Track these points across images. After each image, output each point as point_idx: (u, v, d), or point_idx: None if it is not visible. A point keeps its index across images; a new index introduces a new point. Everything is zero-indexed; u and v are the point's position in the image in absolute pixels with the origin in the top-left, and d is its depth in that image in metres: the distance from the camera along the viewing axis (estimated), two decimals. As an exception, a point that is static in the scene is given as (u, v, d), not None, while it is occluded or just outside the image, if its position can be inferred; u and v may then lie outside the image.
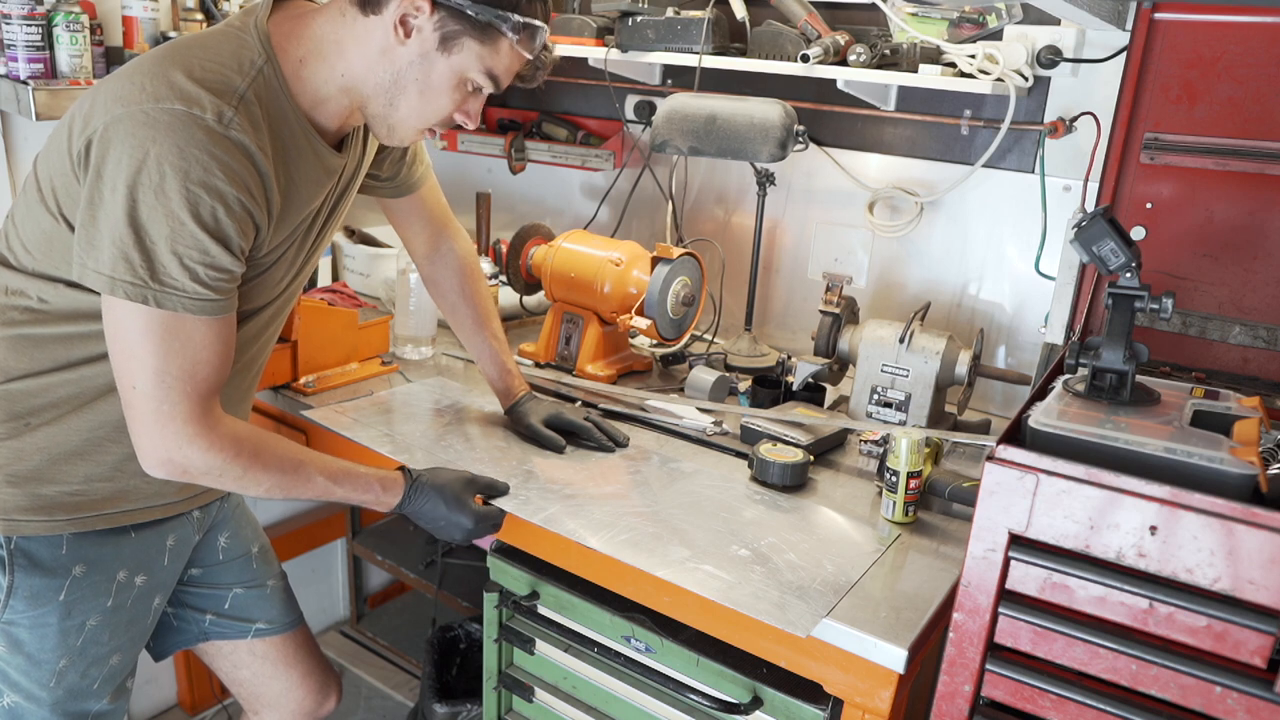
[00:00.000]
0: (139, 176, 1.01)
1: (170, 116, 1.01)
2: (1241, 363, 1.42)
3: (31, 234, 1.16)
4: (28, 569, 1.20)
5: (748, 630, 1.19)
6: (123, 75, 1.07)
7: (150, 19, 1.87)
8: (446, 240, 1.62)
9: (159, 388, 1.08)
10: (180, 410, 1.10)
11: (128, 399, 1.10)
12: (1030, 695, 1.03)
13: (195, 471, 1.14)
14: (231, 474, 1.16)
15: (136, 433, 1.12)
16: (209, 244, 1.05)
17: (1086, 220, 1.16)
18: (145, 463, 1.13)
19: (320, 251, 1.36)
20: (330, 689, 1.62)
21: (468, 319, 1.63)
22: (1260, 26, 1.33)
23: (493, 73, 1.19)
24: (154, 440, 1.11)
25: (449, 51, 1.15)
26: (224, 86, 1.06)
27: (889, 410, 1.65)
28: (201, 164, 1.02)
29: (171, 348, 1.07)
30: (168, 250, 1.03)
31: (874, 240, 1.98)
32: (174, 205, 1.02)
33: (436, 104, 1.20)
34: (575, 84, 2.35)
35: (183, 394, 1.09)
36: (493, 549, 1.48)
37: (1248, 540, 0.88)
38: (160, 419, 1.09)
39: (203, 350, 1.10)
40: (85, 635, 1.25)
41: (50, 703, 1.25)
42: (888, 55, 1.78)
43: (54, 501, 1.20)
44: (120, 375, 1.10)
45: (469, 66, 1.17)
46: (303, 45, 1.16)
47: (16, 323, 1.17)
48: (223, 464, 1.14)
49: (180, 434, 1.10)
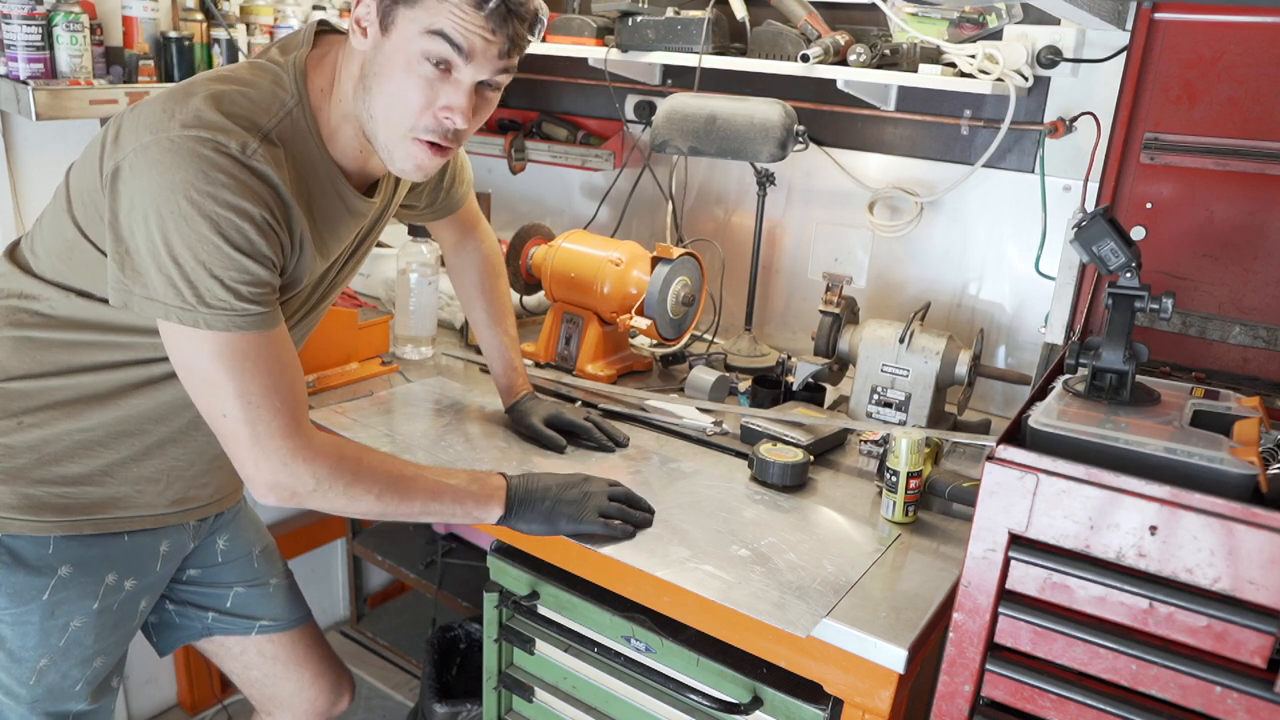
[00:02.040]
0: (167, 205, 1.01)
1: (193, 143, 1.02)
2: (1241, 363, 1.42)
3: (54, 241, 1.17)
4: (11, 566, 1.19)
5: (748, 630, 1.19)
6: (156, 101, 1.07)
7: (150, 19, 1.87)
8: (474, 239, 1.66)
9: (247, 409, 1.08)
10: (275, 427, 1.09)
11: (222, 430, 1.10)
12: (1030, 695, 1.03)
13: (303, 490, 1.13)
14: (338, 487, 1.14)
15: (240, 461, 1.11)
16: (245, 262, 1.05)
17: (1086, 220, 1.16)
18: (255, 490, 1.12)
19: (336, 292, 1.36)
20: (343, 688, 1.61)
21: (483, 313, 1.66)
22: (1260, 26, 1.33)
23: (434, 28, 1.06)
24: (258, 465, 1.10)
25: (388, 31, 1.09)
26: (249, 123, 1.06)
27: (889, 410, 1.65)
28: (225, 186, 1.02)
29: (244, 367, 1.07)
30: (207, 274, 1.03)
31: (874, 240, 1.98)
32: (204, 229, 1.02)
33: (401, 96, 1.10)
34: (575, 84, 2.35)
35: (273, 411, 1.09)
36: (493, 549, 1.48)
37: (1248, 540, 0.88)
38: (258, 441, 1.09)
39: (274, 364, 1.10)
40: (68, 636, 1.25)
41: (29, 701, 1.25)
42: (888, 55, 1.78)
43: (42, 502, 1.20)
44: (207, 409, 1.10)
45: (409, 36, 1.07)
46: (323, 77, 1.16)
47: (25, 325, 1.17)
48: (329, 475, 1.13)
49: (281, 451, 1.10)
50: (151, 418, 1.22)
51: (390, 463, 1.22)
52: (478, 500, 1.26)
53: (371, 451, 1.22)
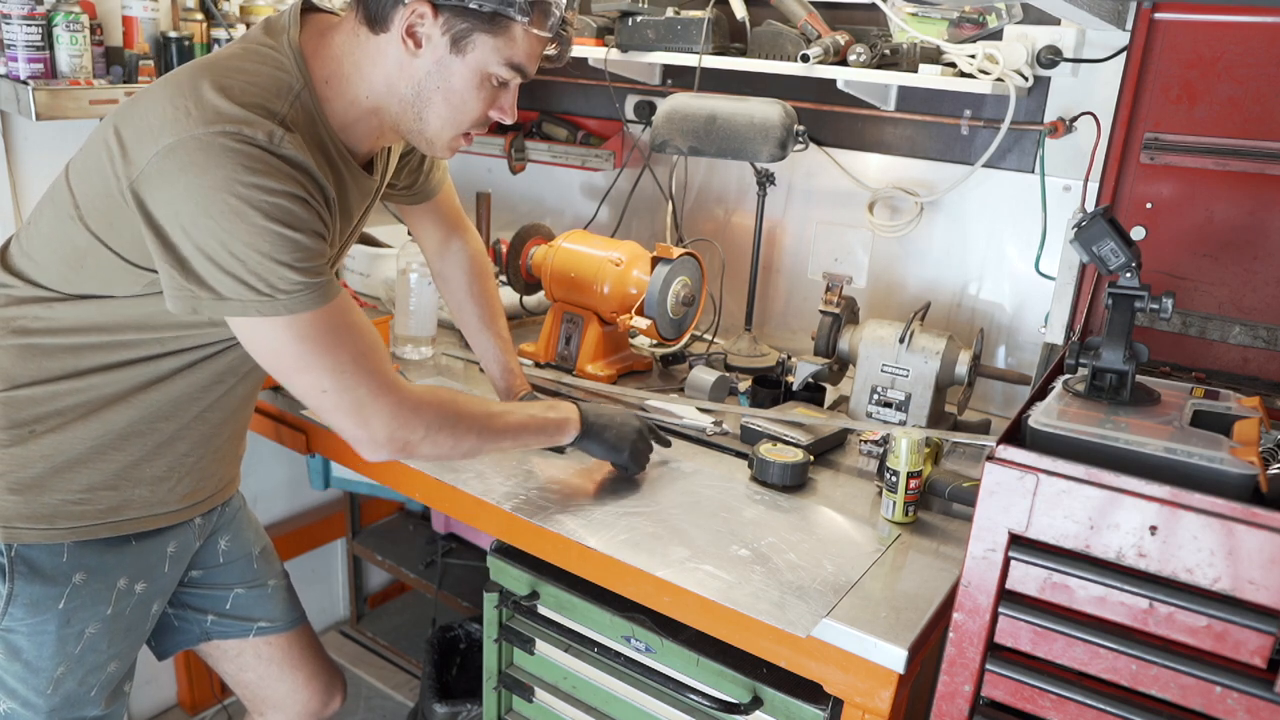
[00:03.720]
0: (213, 205, 1.01)
1: (223, 138, 1.01)
2: (1241, 363, 1.42)
3: (59, 247, 1.15)
4: (28, 577, 1.19)
5: (748, 630, 1.19)
6: (162, 98, 1.06)
7: (150, 19, 1.87)
8: (458, 239, 1.63)
9: (342, 378, 1.11)
10: (375, 387, 1.13)
11: (322, 406, 1.12)
12: (1030, 695, 1.03)
13: (415, 439, 1.17)
14: (445, 430, 1.19)
15: (349, 432, 1.14)
16: (302, 239, 1.05)
17: (1086, 220, 1.16)
18: (366, 450, 1.16)
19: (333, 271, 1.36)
20: (335, 689, 1.62)
21: (474, 317, 1.64)
22: (1260, 26, 1.33)
23: (514, 62, 1.15)
24: (370, 426, 1.14)
25: (463, 52, 1.13)
26: (265, 111, 1.06)
27: (889, 410, 1.65)
28: (265, 174, 1.02)
29: (330, 341, 1.09)
30: (274, 262, 1.03)
31: (874, 240, 1.98)
32: (258, 220, 1.02)
33: (465, 108, 1.17)
34: (575, 84, 2.35)
35: (367, 373, 1.12)
36: (493, 549, 1.48)
37: (1248, 540, 0.88)
38: (361, 406, 1.12)
39: (353, 329, 1.12)
40: (84, 643, 1.25)
41: (47, 710, 1.25)
42: (888, 55, 1.78)
43: (56, 510, 1.19)
44: (302, 389, 1.12)
45: (488, 62, 1.14)
46: (326, 66, 1.15)
47: (28, 331, 1.16)
48: (436, 420, 1.18)
49: (387, 408, 1.14)
50: (161, 415, 1.22)
51: (476, 402, 1.29)
52: (559, 426, 1.39)
53: (457, 393, 1.27)
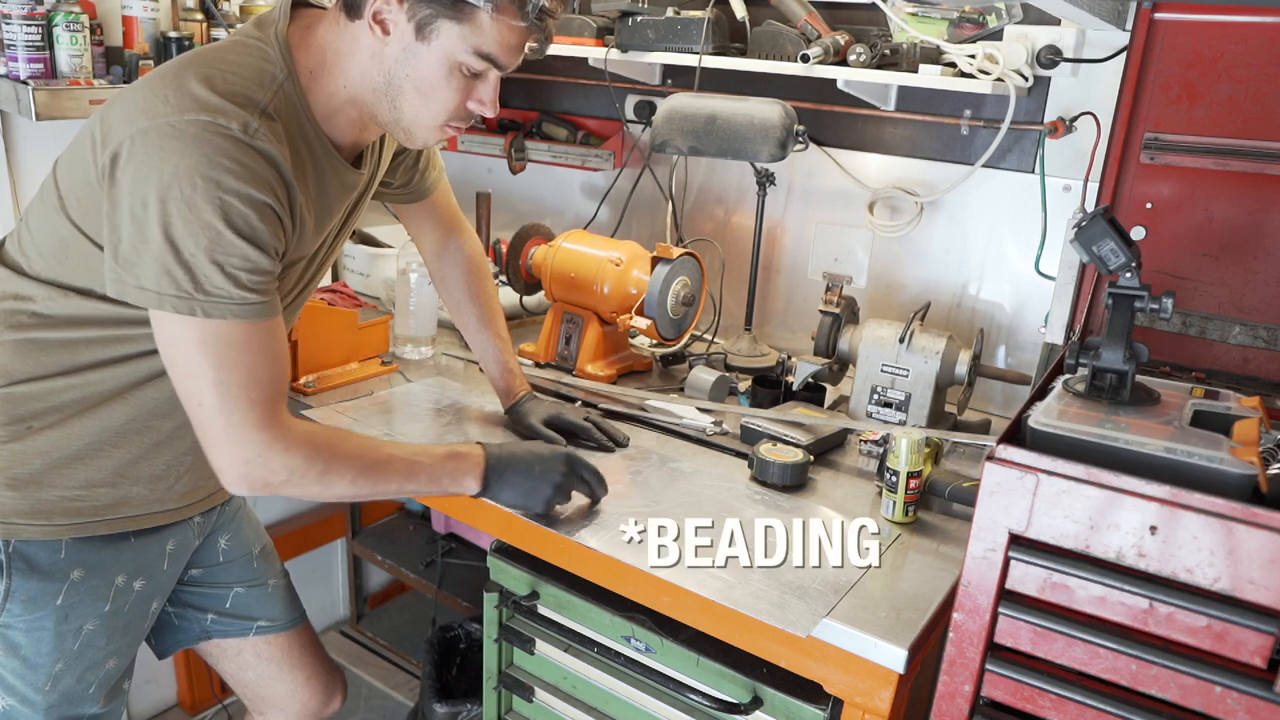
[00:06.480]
0: (170, 190, 1.00)
1: (196, 128, 1.01)
2: (1241, 363, 1.42)
3: (47, 240, 1.15)
4: (25, 573, 1.19)
5: (748, 630, 1.19)
6: (144, 86, 1.06)
7: (150, 19, 1.87)
8: (455, 239, 1.63)
9: (224, 399, 1.07)
10: (250, 419, 1.08)
11: (196, 418, 1.09)
12: (1030, 695, 1.03)
13: (276, 481, 1.12)
14: (311, 475, 1.14)
15: (212, 451, 1.11)
16: (247, 249, 1.04)
17: (1086, 220, 1.16)
18: (225, 480, 1.12)
19: (327, 266, 1.35)
20: (335, 689, 1.62)
21: (472, 317, 1.64)
22: (1260, 26, 1.33)
23: (482, 51, 1.11)
24: (230, 455, 1.10)
25: (427, 39, 1.11)
26: (246, 100, 1.06)
27: (889, 410, 1.65)
28: (231, 172, 1.02)
29: (228, 357, 1.06)
30: (208, 260, 1.02)
31: (874, 240, 1.98)
32: (208, 215, 1.01)
33: (437, 97, 1.15)
34: (575, 84, 2.35)
35: (249, 402, 1.08)
36: (493, 549, 1.48)
37: (1248, 540, 0.88)
38: (231, 431, 1.08)
39: (259, 355, 1.09)
40: (82, 639, 1.25)
41: (45, 706, 1.25)
42: (888, 55, 1.77)
43: (54, 506, 1.19)
44: (185, 396, 1.09)
45: (455, 50, 1.11)
46: (311, 56, 1.15)
47: (24, 326, 1.16)
48: (303, 464, 1.12)
49: (255, 443, 1.09)
50: (159, 412, 1.22)
51: (365, 445, 1.22)
52: (453, 478, 1.28)
53: (346, 435, 1.21)
